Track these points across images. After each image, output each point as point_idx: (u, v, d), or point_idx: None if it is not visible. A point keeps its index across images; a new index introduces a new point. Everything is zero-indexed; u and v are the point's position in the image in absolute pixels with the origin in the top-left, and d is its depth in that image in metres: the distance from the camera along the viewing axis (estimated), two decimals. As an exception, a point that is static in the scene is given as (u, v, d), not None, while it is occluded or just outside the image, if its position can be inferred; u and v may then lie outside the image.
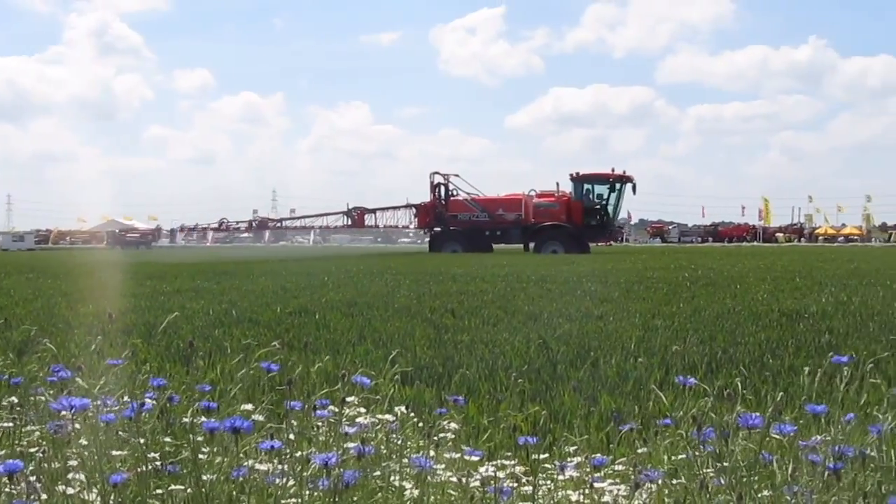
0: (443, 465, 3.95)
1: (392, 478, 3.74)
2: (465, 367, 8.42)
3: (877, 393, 4.34)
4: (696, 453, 3.58)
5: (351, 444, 3.70)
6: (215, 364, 7.86)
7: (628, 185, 54.82)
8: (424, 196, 57.13)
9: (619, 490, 3.77)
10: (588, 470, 3.94)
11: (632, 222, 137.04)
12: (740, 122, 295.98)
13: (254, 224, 69.87)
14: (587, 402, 6.89)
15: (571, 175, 55.17)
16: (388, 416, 4.28)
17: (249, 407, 4.27)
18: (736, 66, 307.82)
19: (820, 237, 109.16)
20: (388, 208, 60.72)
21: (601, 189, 54.88)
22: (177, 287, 19.73)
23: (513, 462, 4.22)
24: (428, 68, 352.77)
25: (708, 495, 3.36)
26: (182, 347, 9.32)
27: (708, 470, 3.50)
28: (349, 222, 62.49)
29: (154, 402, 3.84)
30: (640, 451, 4.24)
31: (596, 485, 3.78)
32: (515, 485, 3.92)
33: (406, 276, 24.04)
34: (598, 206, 54.45)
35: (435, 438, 4.16)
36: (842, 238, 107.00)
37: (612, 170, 54.89)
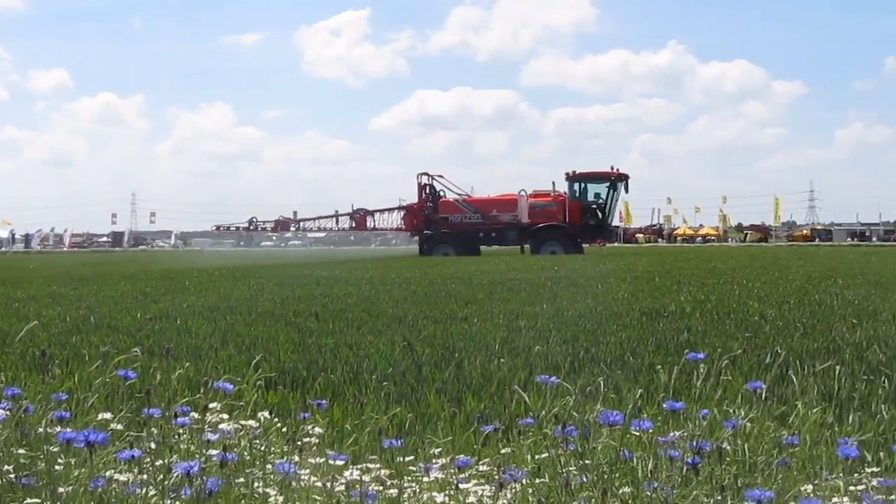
0: (307, 471, 3.92)
1: (256, 484, 3.70)
2: (329, 371, 8.37)
3: (732, 388, 4.45)
4: (559, 452, 3.62)
5: (214, 452, 3.65)
6: (73, 372, 7.67)
7: (621, 184, 53.55)
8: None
9: (483, 490, 3.79)
10: (453, 471, 3.95)
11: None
12: (602, 125, 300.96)
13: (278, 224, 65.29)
14: (452, 404, 6.91)
15: (567, 174, 53.77)
16: (252, 422, 4.23)
17: (108, 416, 4.18)
18: (598, 69, 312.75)
19: (679, 237, 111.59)
20: (384, 210, 58.09)
21: (598, 188, 53.54)
22: (32, 293, 19.21)
23: (378, 465, 4.21)
24: (292, 70, 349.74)
25: (571, 493, 3.40)
26: (38, 356, 9.07)
27: (571, 468, 3.55)
28: (353, 224, 59.82)
29: (8, 412, 3.73)
30: (504, 451, 4.27)
31: (461, 486, 3.79)
32: (381, 488, 3.91)
33: (270, 279, 23.83)
34: (595, 206, 53.24)
35: (299, 443, 4.13)
36: (700, 238, 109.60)
37: (613, 167, 53.75)
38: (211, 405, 4.19)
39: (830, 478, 3.82)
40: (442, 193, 55.02)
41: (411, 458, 4.40)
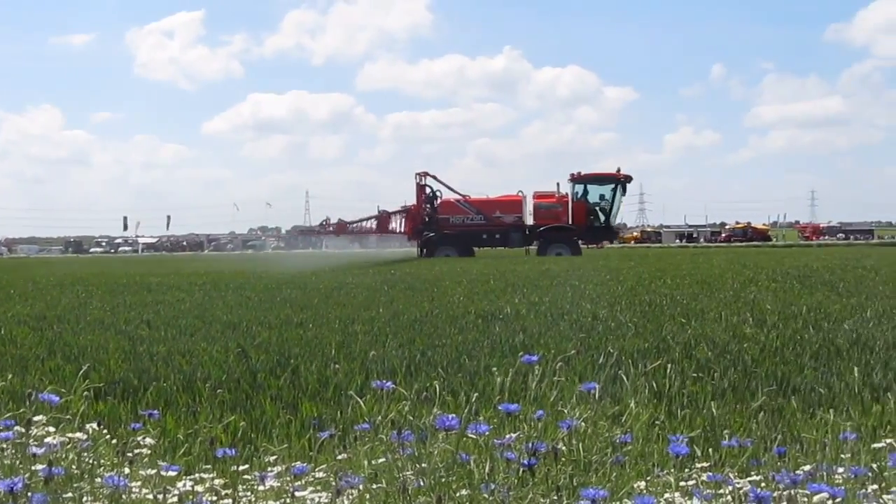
0: (138, 483, 3.81)
1: (84, 499, 3.57)
2: (161, 380, 8.19)
3: (567, 389, 4.50)
4: (396, 457, 3.60)
5: (39, 466, 3.51)
6: None
7: (626, 185, 52.75)
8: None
9: (320, 497, 3.75)
10: (289, 479, 3.90)
11: (330, 228, 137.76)
12: (438, 130, 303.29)
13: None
14: (288, 411, 6.84)
15: (572, 175, 52.59)
16: (80, 435, 4.09)
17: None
18: (434, 74, 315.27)
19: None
20: (398, 212, 54.38)
21: (602, 189, 52.36)
22: None
23: (212, 475, 4.12)
24: (123, 72, 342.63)
25: (408, 497, 3.38)
26: None
27: (408, 472, 3.53)
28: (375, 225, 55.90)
29: None
30: (340, 457, 4.23)
31: (297, 493, 3.74)
32: (215, 498, 3.83)
33: (99, 287, 23.23)
34: (599, 207, 52.14)
35: (129, 455, 4.01)
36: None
37: (618, 169, 52.56)
38: (36, 418, 4.04)
39: (662, 474, 3.90)
40: (439, 194, 52.63)
41: (246, 466, 4.32)
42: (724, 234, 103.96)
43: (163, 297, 19.09)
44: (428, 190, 52.24)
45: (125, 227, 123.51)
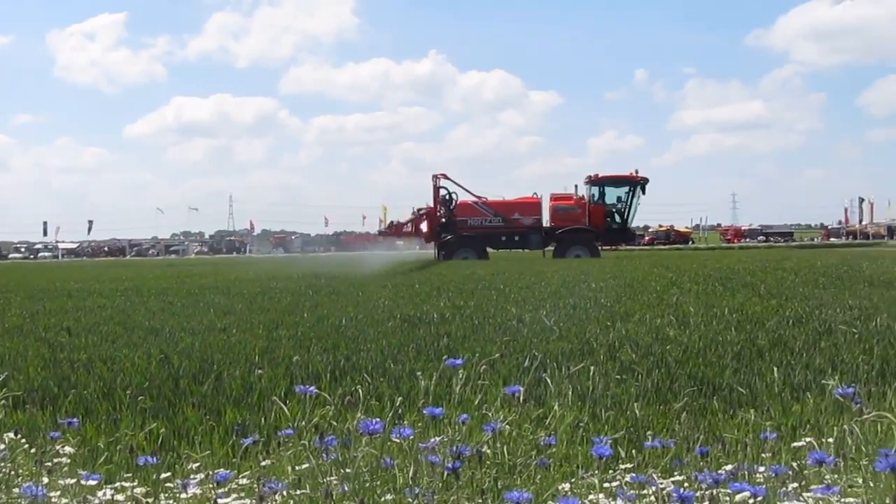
0: (58, 493, 3.74)
1: (1, 509, 3.50)
2: (81, 387, 8.07)
3: (491, 392, 4.50)
4: (320, 462, 3.57)
5: (-48, 478, 3.43)
6: None
7: (640, 187, 51.79)
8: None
9: (243, 504, 3.71)
10: (212, 486, 3.85)
11: (254, 233, 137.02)
12: (363, 133, 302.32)
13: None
14: (211, 417, 6.77)
15: (589, 177, 52.15)
16: (-4, 444, 4.01)
17: None
18: (359, 78, 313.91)
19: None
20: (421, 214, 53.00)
21: (619, 192, 51.80)
22: None
23: (133, 484, 4.06)
24: (43, 74, 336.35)
25: (333, 503, 3.35)
26: None
27: (332, 478, 3.50)
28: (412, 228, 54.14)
29: None
30: (264, 463, 4.19)
31: (220, 501, 3.70)
32: (136, 507, 3.77)
33: (18, 293, 22.85)
34: (616, 210, 51.53)
35: (48, 464, 3.94)
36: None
37: (636, 172, 51.87)
38: (-51, 429, 3.95)
39: (587, 476, 3.91)
40: (455, 196, 51.35)
41: (168, 474, 4.26)
42: (647, 237, 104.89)
43: (83, 303, 18.83)
44: (444, 192, 51.18)
45: (45, 233, 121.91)
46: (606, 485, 3.81)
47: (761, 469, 3.99)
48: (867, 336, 10.42)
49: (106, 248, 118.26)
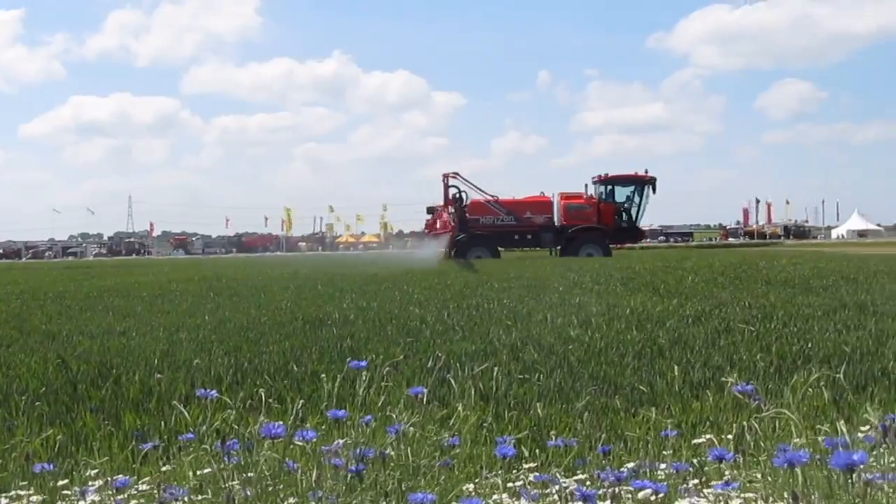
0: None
1: None
2: (-26, 394, 7.87)
3: (395, 394, 4.48)
4: (221, 466, 3.52)
5: None
6: None
7: (649, 186, 51.77)
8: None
9: (143, 511, 3.64)
10: (111, 493, 3.78)
11: (154, 234, 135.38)
12: (265, 133, 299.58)
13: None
14: (110, 422, 6.65)
15: (599, 176, 52.11)
16: None
17: None
18: (262, 78, 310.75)
19: (341, 245, 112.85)
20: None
21: (627, 191, 51.90)
22: None
23: (29, 492, 3.96)
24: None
25: (234, 508, 3.31)
26: None
27: (234, 482, 3.46)
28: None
29: None
30: (164, 468, 4.13)
31: (119, 508, 3.63)
32: (31, 516, 3.68)
33: None
34: (625, 208, 51.60)
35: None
36: (361, 245, 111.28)
37: (646, 171, 51.74)
38: None
39: (490, 476, 3.91)
40: (465, 195, 51.02)
41: (65, 481, 4.17)
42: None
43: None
44: (454, 191, 50.82)
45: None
46: (510, 484, 3.82)
47: (662, 466, 4.03)
48: (765, 334, 10.62)
49: (0, 251, 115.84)
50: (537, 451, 4.82)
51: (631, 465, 4.12)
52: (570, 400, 7.32)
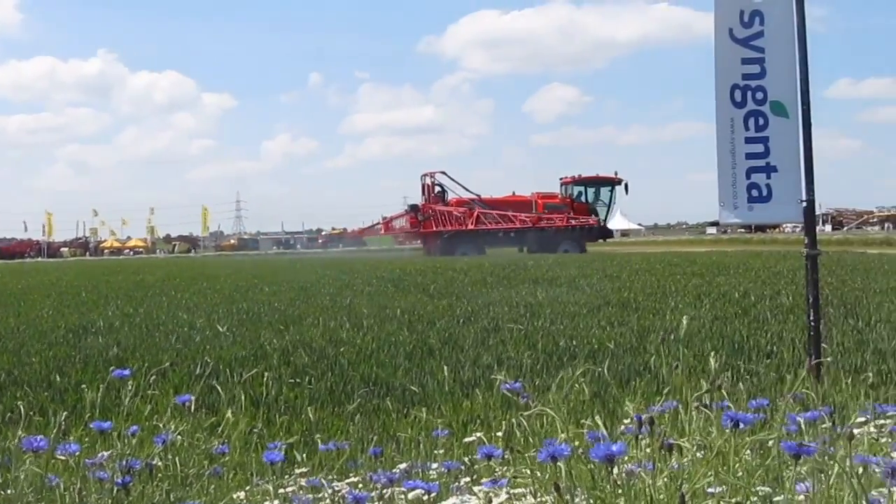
0: None
1: None
2: None
3: (162, 402, 4.38)
4: (-24, 484, 3.37)
5: None
6: None
7: (620, 187, 53.50)
8: None
9: None
10: None
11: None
12: (25, 135, 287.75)
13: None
14: None
15: (572, 178, 53.60)
16: None
17: None
18: (22, 76, 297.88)
19: (106, 250, 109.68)
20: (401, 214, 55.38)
21: (600, 191, 53.55)
22: None
23: None
24: None
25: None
26: None
27: (-10, 501, 3.31)
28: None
29: None
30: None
31: None
32: None
33: None
34: (597, 208, 53.05)
35: None
36: (128, 251, 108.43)
37: (616, 173, 53.57)
38: None
39: (262, 483, 3.87)
40: (447, 192, 53.11)
41: None
42: (320, 241, 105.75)
43: None
44: (438, 189, 52.74)
45: None
46: (282, 490, 3.78)
47: (434, 465, 4.08)
48: (532, 332, 10.89)
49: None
50: (309, 455, 4.79)
51: (403, 465, 4.15)
52: (343, 403, 7.33)
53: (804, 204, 6.92)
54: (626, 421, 3.82)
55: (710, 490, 2.83)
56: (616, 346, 9.59)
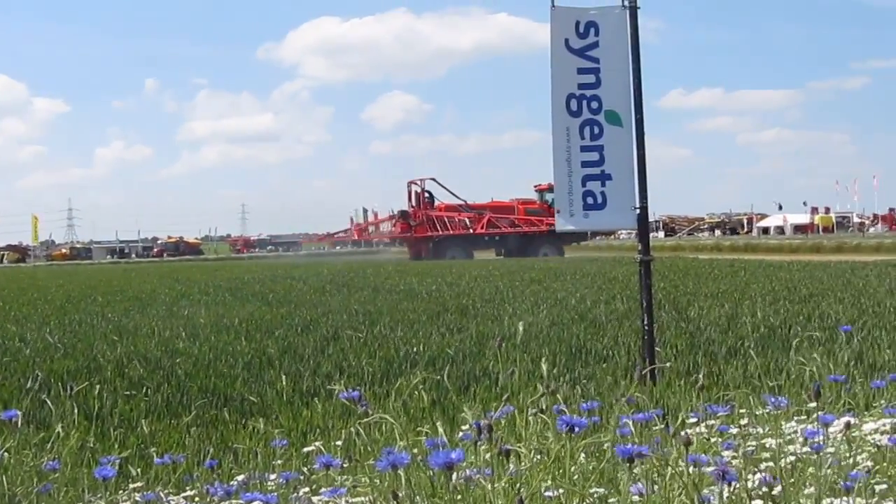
0: None
1: None
2: None
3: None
4: None
5: None
6: None
7: None
8: None
9: None
10: None
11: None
12: None
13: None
14: None
15: (547, 184, 51.63)
16: None
17: None
18: None
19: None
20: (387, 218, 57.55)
21: None
22: None
23: None
24: None
25: None
26: None
27: None
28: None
29: None
30: None
31: None
32: None
33: None
34: None
35: None
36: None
37: None
38: None
39: (94, 499, 3.77)
40: (434, 197, 54.86)
41: None
42: (156, 249, 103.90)
43: None
44: (426, 195, 54.40)
45: None
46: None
47: (273, 477, 4.03)
48: (371, 340, 10.88)
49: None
50: (144, 469, 4.68)
51: (241, 477, 4.09)
52: (179, 414, 7.19)
53: (638, 211, 7.10)
54: (464, 427, 3.83)
55: (547, 494, 2.86)
56: (455, 353, 9.65)
